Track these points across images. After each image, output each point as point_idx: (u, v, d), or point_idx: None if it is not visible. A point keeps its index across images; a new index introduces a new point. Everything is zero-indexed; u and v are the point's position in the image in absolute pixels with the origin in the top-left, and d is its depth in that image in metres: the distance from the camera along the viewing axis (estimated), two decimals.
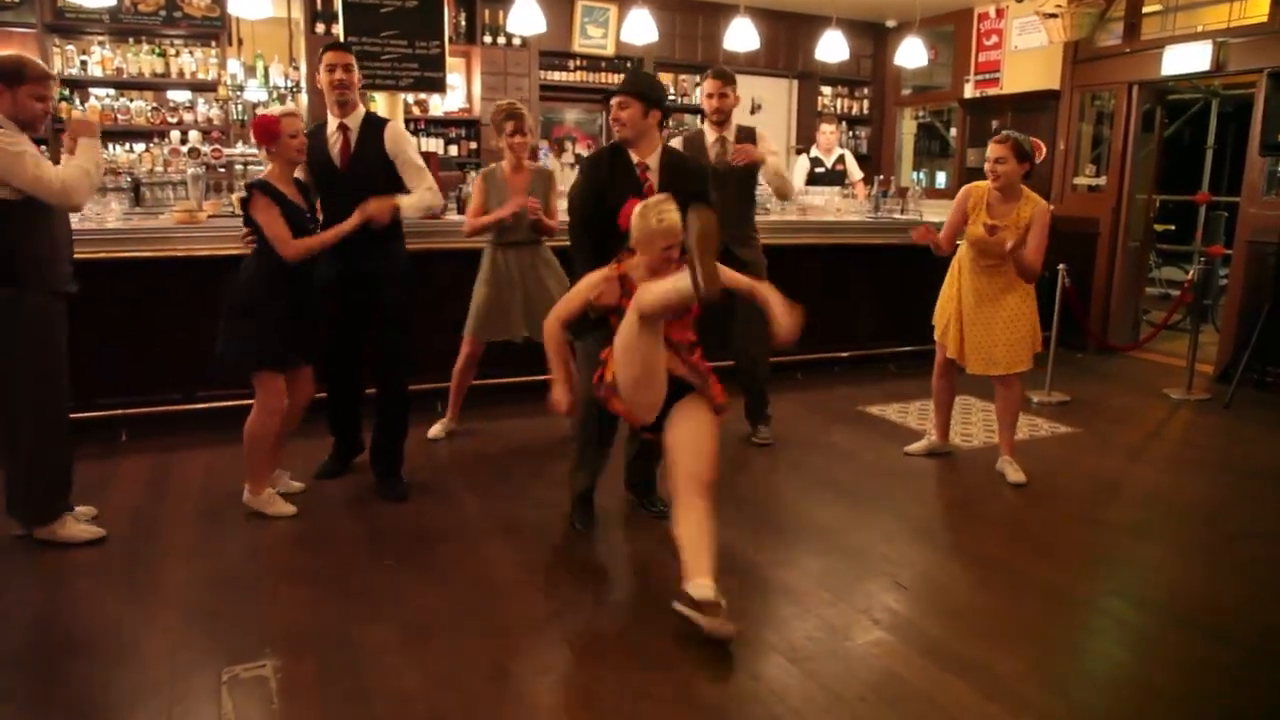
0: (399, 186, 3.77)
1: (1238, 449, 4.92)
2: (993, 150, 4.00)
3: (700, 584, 2.67)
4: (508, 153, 4.36)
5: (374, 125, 3.80)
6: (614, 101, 3.31)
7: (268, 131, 3.35)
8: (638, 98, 3.26)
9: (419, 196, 3.76)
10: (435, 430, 4.63)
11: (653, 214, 2.88)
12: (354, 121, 3.75)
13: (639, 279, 2.95)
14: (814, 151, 7.34)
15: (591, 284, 3.03)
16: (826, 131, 7.23)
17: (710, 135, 4.45)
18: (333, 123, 3.76)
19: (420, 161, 3.85)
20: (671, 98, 9.08)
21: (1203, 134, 9.53)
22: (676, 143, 4.37)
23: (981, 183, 4.13)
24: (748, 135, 4.48)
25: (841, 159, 7.32)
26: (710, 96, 4.40)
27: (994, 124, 8.19)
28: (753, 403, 4.74)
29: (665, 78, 9.02)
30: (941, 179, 9.77)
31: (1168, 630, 2.92)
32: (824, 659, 2.65)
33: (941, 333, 4.34)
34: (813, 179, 7.11)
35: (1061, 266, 5.73)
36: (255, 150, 6.18)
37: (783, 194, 4.78)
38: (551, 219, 4.41)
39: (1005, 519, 3.84)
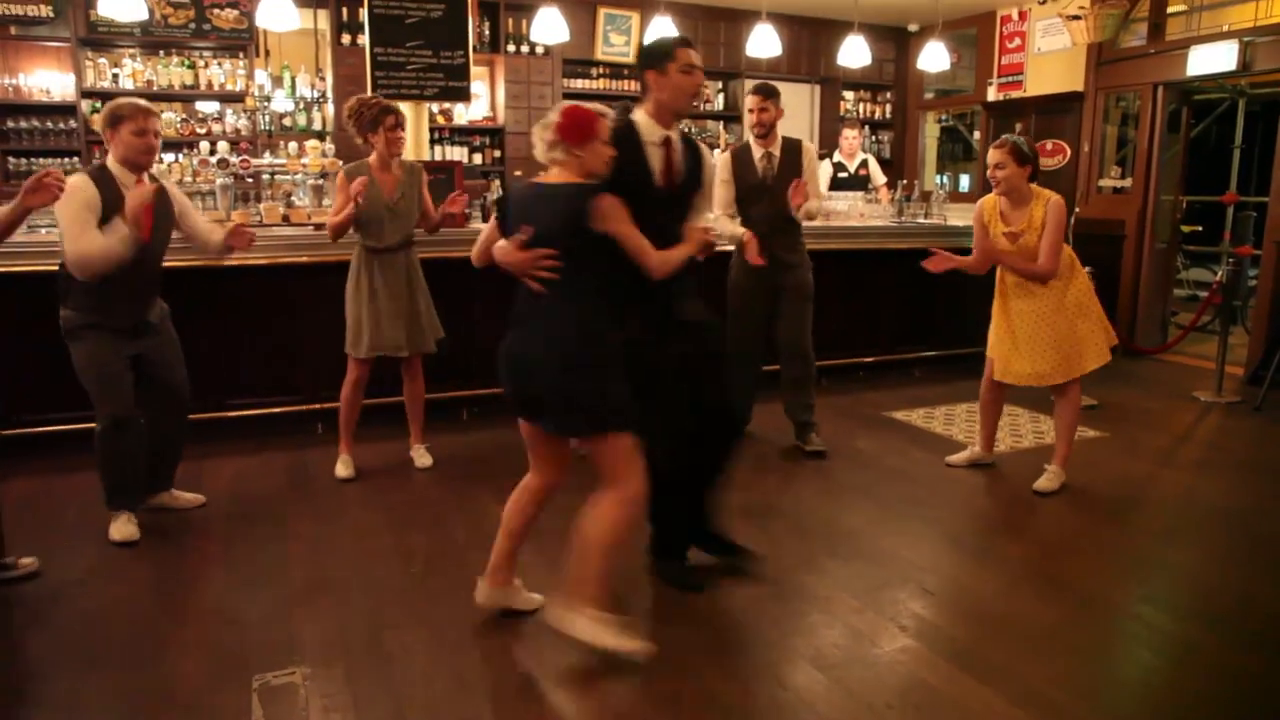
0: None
1: (1269, 452, 4.87)
2: (992, 156, 3.96)
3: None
4: (383, 148, 4.04)
5: (693, 144, 3.27)
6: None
7: (584, 129, 2.61)
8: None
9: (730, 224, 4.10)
10: (341, 470, 4.17)
11: None
12: (676, 135, 3.16)
13: None
14: (836, 156, 7.32)
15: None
16: (849, 136, 7.22)
17: (757, 150, 4.49)
18: (655, 133, 3.03)
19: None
20: (693, 104, 9.11)
21: (1230, 134, 9.43)
22: (725, 155, 4.63)
23: (992, 195, 4.10)
24: (794, 149, 4.51)
25: (865, 164, 7.30)
26: (751, 111, 4.47)
27: (1017, 126, 8.15)
28: (799, 409, 4.71)
29: None
30: (965, 182, 9.73)
31: (1200, 635, 2.89)
32: (851, 666, 2.65)
33: (992, 347, 4.24)
34: (835, 184, 7.10)
35: (1087, 269, 5.67)
36: (281, 161, 6.25)
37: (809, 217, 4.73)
38: (430, 214, 4.25)
39: (1033, 524, 3.82)
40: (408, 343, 4.14)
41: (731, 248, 4.51)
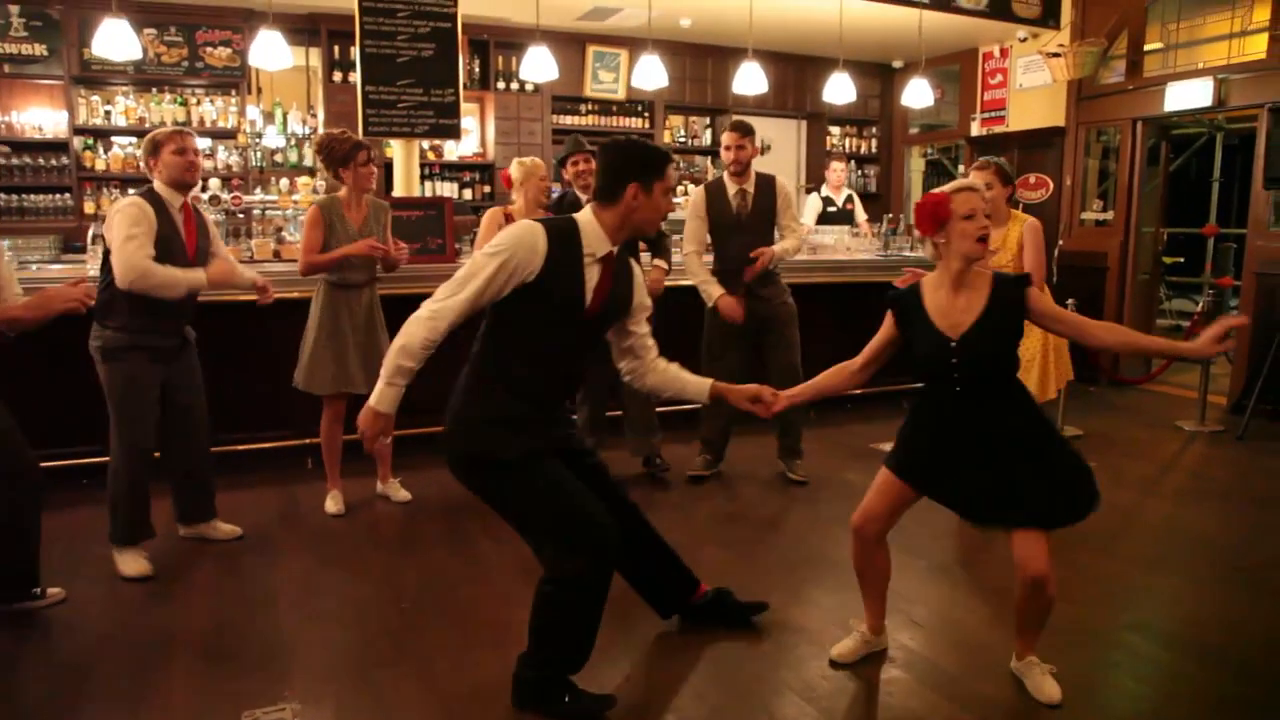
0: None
1: (1252, 480, 4.92)
2: (978, 177, 3.98)
3: None
4: (354, 183, 4.03)
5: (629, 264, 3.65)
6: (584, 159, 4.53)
7: (931, 214, 2.55)
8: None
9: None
10: (331, 506, 4.17)
11: None
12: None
13: None
14: (824, 190, 7.43)
15: None
16: (837, 169, 7.31)
17: (731, 187, 4.50)
18: (601, 247, 2.98)
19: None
20: (681, 139, 9.23)
21: (1209, 167, 9.59)
22: (699, 190, 4.64)
23: None
24: (768, 185, 4.53)
25: (850, 199, 7.40)
26: (728, 149, 4.46)
27: (1001, 160, 8.27)
28: (789, 435, 4.73)
29: (675, 120, 9.18)
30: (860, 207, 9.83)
31: (1187, 664, 2.91)
32: (839, 697, 2.66)
33: None
34: (824, 218, 7.21)
35: (1071, 301, 5.76)
36: (272, 198, 6.29)
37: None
38: (395, 251, 4.15)
39: None
40: (369, 380, 4.00)
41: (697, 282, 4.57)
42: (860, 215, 7.40)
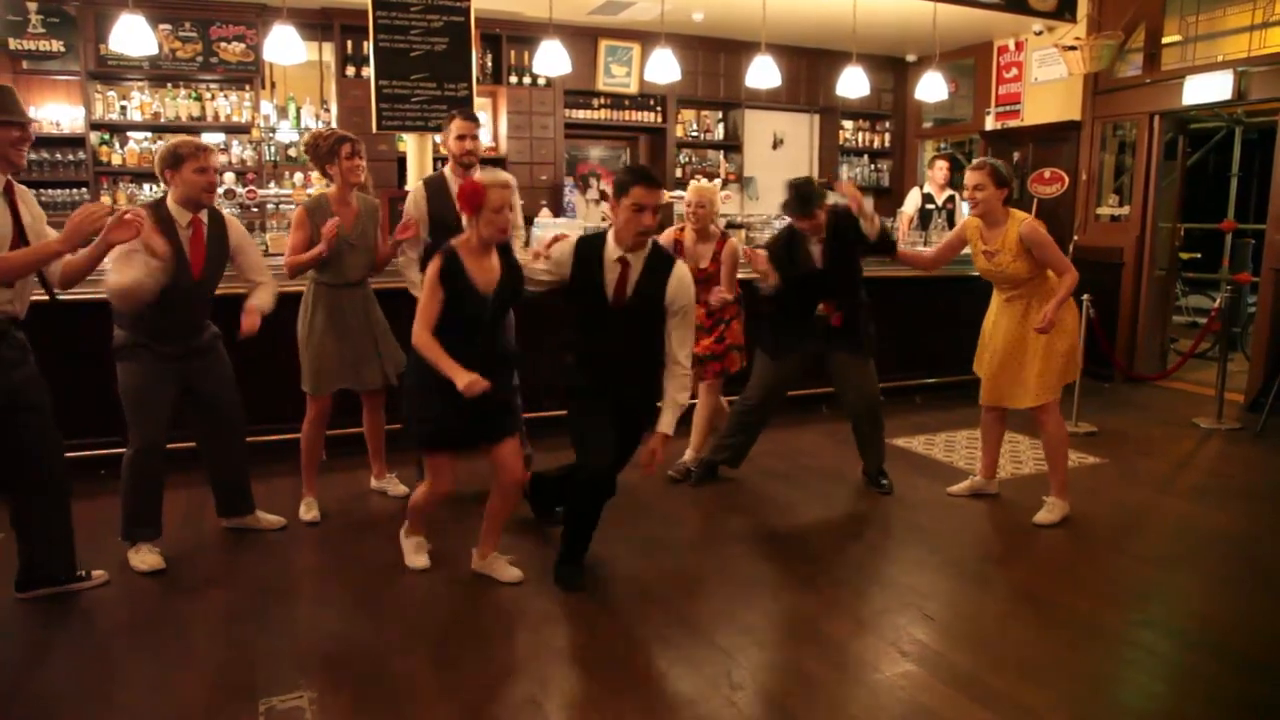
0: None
1: (1270, 478, 4.88)
2: (970, 178, 3.98)
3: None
4: (341, 179, 3.92)
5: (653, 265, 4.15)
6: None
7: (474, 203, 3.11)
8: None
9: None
10: (305, 513, 4.03)
11: None
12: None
13: None
14: (927, 186, 7.45)
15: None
16: (941, 168, 7.33)
17: (453, 182, 4.11)
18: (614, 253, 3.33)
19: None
20: (694, 134, 9.21)
21: (1227, 162, 9.50)
22: (419, 186, 4.40)
23: (974, 218, 4.15)
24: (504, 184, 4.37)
25: (952, 199, 7.36)
26: (461, 138, 4.17)
27: (1015, 155, 8.24)
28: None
29: (688, 115, 9.15)
30: (965, 209, 9.78)
31: (1200, 661, 2.89)
32: (852, 690, 2.65)
33: (977, 363, 4.29)
34: (923, 214, 7.26)
35: (1086, 297, 5.73)
36: (286, 192, 6.31)
37: None
38: (382, 250, 4.11)
39: (1033, 550, 3.83)
40: (369, 377, 4.06)
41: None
42: (960, 217, 7.39)
